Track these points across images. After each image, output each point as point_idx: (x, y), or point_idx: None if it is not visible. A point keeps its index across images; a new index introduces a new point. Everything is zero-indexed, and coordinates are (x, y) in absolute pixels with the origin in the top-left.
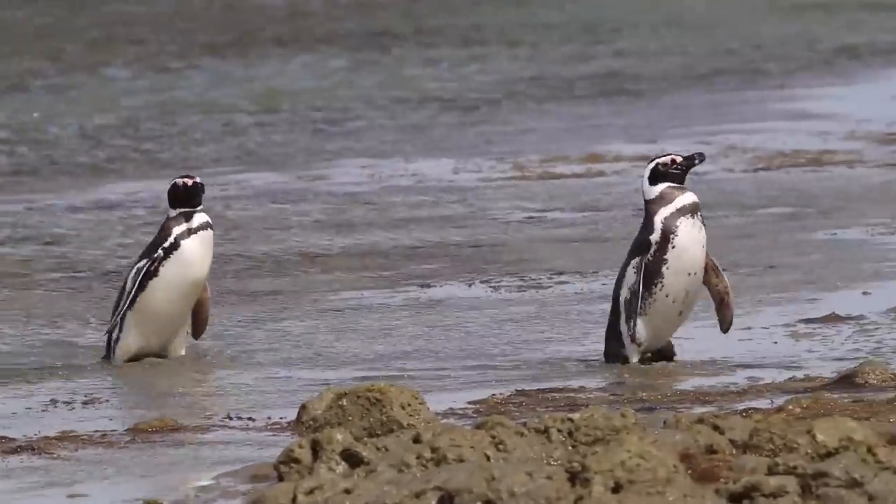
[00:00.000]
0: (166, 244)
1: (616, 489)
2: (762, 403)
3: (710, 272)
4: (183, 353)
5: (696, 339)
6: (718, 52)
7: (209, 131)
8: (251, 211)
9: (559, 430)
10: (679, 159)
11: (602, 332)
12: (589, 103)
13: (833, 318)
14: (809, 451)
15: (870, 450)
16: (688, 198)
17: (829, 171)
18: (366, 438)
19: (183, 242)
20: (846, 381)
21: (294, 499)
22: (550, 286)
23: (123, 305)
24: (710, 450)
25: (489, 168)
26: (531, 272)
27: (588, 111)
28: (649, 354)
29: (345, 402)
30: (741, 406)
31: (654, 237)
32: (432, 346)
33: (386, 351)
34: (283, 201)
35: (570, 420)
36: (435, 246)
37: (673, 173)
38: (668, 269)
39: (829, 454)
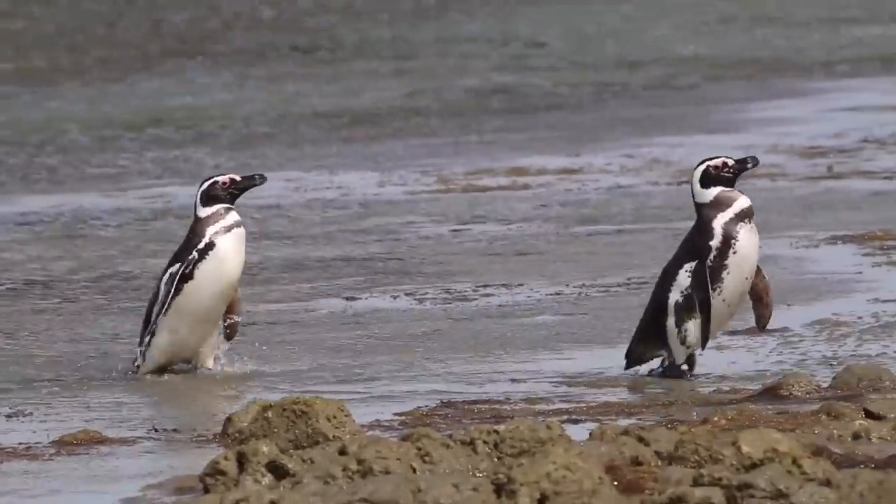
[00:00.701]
0: (201, 245)
1: (542, 501)
2: (687, 415)
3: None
4: (211, 365)
5: (618, 352)
6: (641, 65)
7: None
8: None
9: (485, 442)
10: (731, 162)
11: (523, 342)
12: (512, 116)
13: (757, 331)
14: (734, 462)
15: (794, 461)
16: (744, 202)
17: (751, 184)
18: (291, 451)
19: (218, 241)
20: (771, 392)
21: None
22: (476, 298)
23: (158, 313)
24: (636, 461)
25: (414, 181)
26: (456, 285)
27: (511, 124)
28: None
29: (270, 414)
30: (666, 418)
31: (714, 242)
32: (358, 358)
33: (311, 363)
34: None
35: (496, 432)
36: (359, 259)
37: (725, 176)
38: (728, 274)
39: (754, 465)
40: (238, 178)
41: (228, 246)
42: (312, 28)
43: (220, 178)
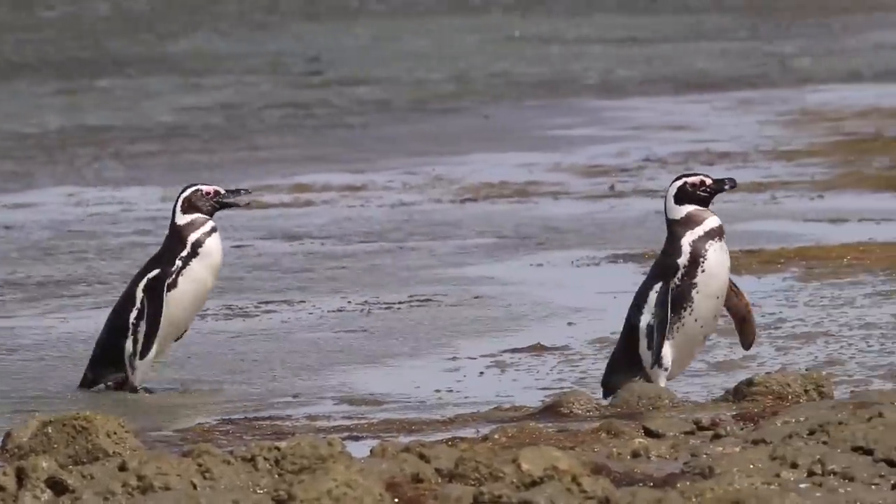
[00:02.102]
0: (185, 252)
1: None
2: (468, 433)
3: (730, 293)
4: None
5: (403, 366)
6: (424, 83)
7: None
8: None
9: (266, 459)
10: (709, 181)
11: (305, 359)
12: (295, 132)
13: (538, 349)
14: (515, 480)
15: (574, 479)
16: (714, 221)
17: (534, 201)
18: (71, 466)
19: (206, 241)
20: (551, 410)
21: None
22: (258, 315)
23: (153, 325)
24: (417, 478)
25: None
26: (238, 301)
27: (294, 140)
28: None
29: (50, 429)
30: (447, 435)
31: (682, 260)
32: None
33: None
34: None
35: (277, 448)
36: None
37: (700, 195)
38: (697, 293)
39: (534, 483)
40: (222, 190)
41: (214, 246)
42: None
43: (204, 188)
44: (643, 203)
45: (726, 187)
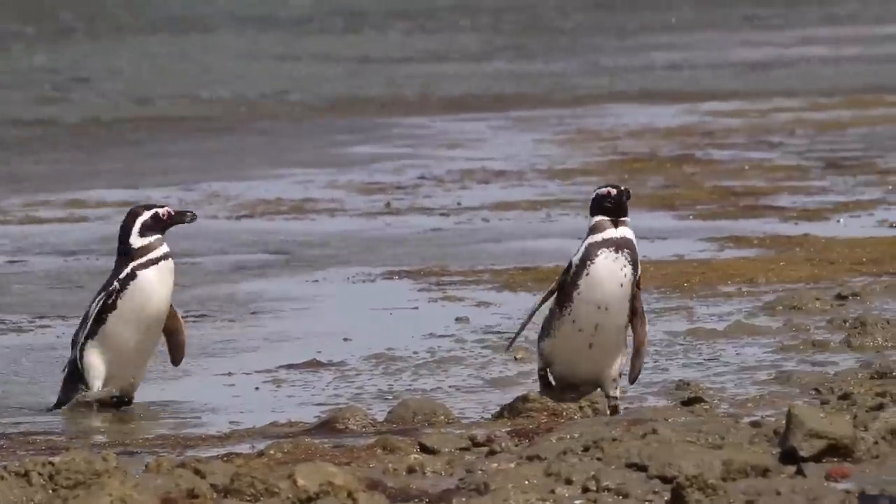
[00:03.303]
0: (122, 275)
1: None
2: (244, 448)
3: (636, 317)
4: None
5: (178, 382)
6: (201, 101)
7: None
8: None
9: (40, 474)
10: (614, 192)
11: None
12: (69, 148)
13: (314, 364)
14: (290, 495)
15: (350, 495)
16: (614, 233)
17: (311, 218)
18: None
19: (140, 273)
20: (327, 426)
21: None
22: (32, 330)
23: (82, 336)
24: (192, 494)
25: None
26: (12, 316)
27: (68, 156)
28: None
29: None
30: (223, 451)
31: (575, 259)
32: None
33: None
34: None
35: (52, 464)
36: None
37: (606, 206)
38: (578, 294)
39: (309, 499)
40: (173, 211)
41: (153, 278)
42: None
43: (161, 210)
44: (419, 220)
45: (624, 198)
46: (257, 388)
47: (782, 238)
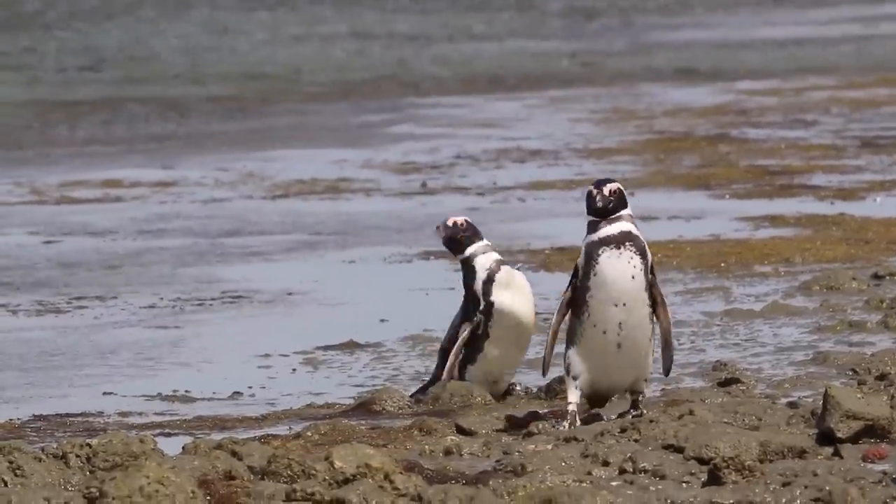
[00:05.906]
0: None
1: None
2: (281, 430)
3: (658, 305)
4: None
5: (213, 365)
6: (235, 79)
7: None
8: None
9: (78, 456)
10: (593, 191)
11: (118, 355)
12: (104, 129)
13: (351, 345)
14: (327, 477)
15: (387, 476)
16: (614, 228)
17: (346, 198)
18: None
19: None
20: (364, 407)
21: None
22: (70, 311)
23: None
24: (229, 476)
25: (6, 192)
26: (50, 297)
27: (102, 136)
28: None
29: None
30: (260, 432)
31: (580, 262)
32: None
33: None
34: None
35: (89, 445)
36: None
37: (592, 207)
38: (591, 297)
39: (346, 481)
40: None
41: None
42: None
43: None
44: (455, 200)
45: (598, 204)
46: (294, 370)
47: (818, 217)
